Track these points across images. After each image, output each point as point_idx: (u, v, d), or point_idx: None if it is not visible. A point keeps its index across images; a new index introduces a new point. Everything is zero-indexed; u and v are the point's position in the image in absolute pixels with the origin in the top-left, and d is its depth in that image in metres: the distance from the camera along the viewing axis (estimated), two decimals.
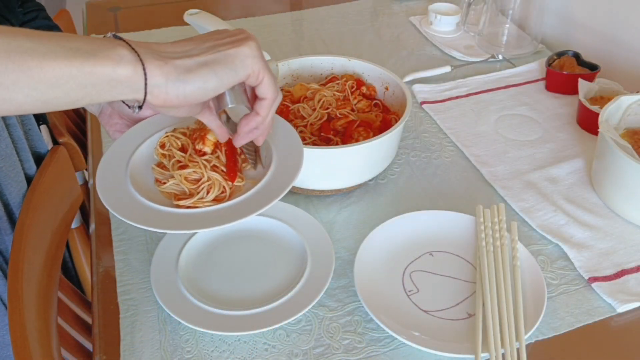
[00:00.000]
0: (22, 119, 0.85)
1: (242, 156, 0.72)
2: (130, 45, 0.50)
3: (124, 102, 0.58)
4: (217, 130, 0.64)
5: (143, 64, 0.50)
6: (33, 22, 0.88)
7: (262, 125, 0.61)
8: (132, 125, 0.78)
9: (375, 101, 0.94)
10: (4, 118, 0.77)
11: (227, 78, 0.54)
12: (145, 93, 0.50)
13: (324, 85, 0.96)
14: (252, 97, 0.61)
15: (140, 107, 0.53)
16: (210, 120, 0.62)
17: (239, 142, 0.63)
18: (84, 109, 0.86)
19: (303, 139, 0.87)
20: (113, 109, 0.80)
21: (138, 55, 0.50)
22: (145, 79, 0.50)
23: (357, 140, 0.84)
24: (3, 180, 0.80)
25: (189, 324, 0.66)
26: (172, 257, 0.75)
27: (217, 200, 0.67)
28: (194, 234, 0.77)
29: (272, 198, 0.63)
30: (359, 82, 0.96)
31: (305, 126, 0.88)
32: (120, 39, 0.51)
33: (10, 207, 0.81)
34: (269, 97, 0.58)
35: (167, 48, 0.53)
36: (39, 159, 0.90)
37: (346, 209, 0.86)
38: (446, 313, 0.70)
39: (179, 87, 0.51)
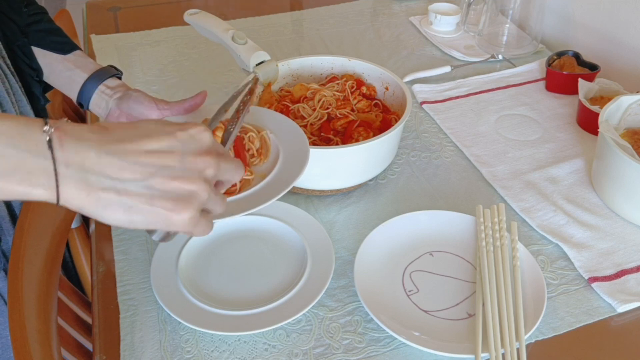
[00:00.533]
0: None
1: (250, 152, 0.74)
2: (54, 165, 0.44)
3: None
4: None
5: (58, 193, 0.45)
6: (38, 24, 0.88)
7: None
8: None
9: (375, 101, 0.94)
10: None
11: (143, 226, 0.48)
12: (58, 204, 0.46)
13: (324, 85, 0.96)
14: None
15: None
16: None
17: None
18: (84, 108, 0.86)
19: None
20: (121, 111, 0.81)
21: (56, 181, 0.44)
22: (57, 202, 0.46)
23: (357, 140, 0.84)
24: None
25: (189, 324, 0.67)
26: (172, 257, 0.75)
27: (228, 193, 0.67)
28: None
29: (282, 189, 0.66)
30: (359, 82, 0.96)
31: (305, 126, 0.88)
32: (56, 133, 0.45)
33: (12, 208, 0.81)
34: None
35: (105, 168, 0.46)
36: None
37: (346, 209, 0.86)
38: (446, 313, 0.70)
39: (90, 213, 0.47)
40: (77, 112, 1.27)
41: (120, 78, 0.87)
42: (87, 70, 0.84)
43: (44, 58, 0.86)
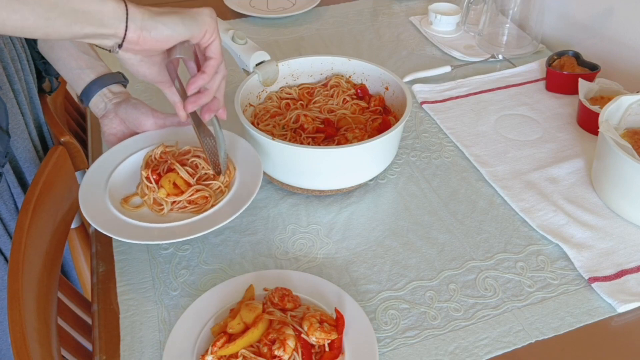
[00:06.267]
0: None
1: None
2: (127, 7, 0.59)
3: (106, 49, 0.64)
4: (176, 103, 0.73)
5: (126, 4, 0.59)
6: None
7: (208, 90, 0.70)
8: (128, 135, 0.86)
9: (360, 99, 0.95)
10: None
11: (191, 26, 0.63)
12: (126, 27, 0.59)
13: (324, 85, 0.97)
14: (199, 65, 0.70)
15: (120, 46, 0.61)
16: (171, 94, 0.72)
17: (190, 106, 0.70)
18: (84, 105, 0.88)
19: (300, 142, 0.87)
20: (116, 115, 0.84)
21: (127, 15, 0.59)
22: (127, 13, 0.59)
23: (346, 138, 0.85)
24: None
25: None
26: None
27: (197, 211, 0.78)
28: None
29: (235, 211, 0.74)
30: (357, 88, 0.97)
31: (302, 129, 0.89)
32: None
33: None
34: (216, 57, 0.68)
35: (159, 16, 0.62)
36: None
37: (346, 209, 0.86)
38: None
39: (152, 26, 0.61)
40: (78, 110, 1.27)
41: (125, 86, 0.90)
42: (96, 72, 0.87)
43: (60, 51, 0.87)
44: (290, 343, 0.61)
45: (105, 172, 0.81)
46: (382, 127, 0.89)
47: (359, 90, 0.97)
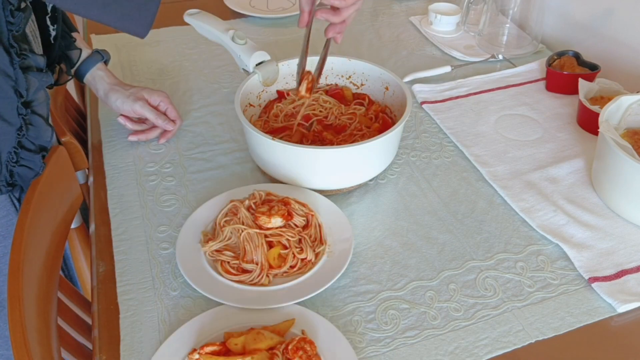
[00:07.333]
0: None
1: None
2: None
3: None
4: (304, 13, 0.84)
5: None
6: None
7: (341, 12, 0.81)
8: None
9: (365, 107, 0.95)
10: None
11: None
12: None
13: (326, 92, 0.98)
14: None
15: None
16: (305, 2, 0.83)
17: (341, 15, 0.82)
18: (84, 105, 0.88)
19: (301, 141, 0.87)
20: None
21: None
22: None
23: (353, 135, 0.85)
24: None
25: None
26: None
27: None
28: None
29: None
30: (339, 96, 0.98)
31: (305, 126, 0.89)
32: None
33: None
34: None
35: None
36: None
37: (346, 209, 0.86)
38: None
39: None
40: (78, 110, 1.27)
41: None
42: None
43: None
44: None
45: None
46: (382, 127, 0.89)
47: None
